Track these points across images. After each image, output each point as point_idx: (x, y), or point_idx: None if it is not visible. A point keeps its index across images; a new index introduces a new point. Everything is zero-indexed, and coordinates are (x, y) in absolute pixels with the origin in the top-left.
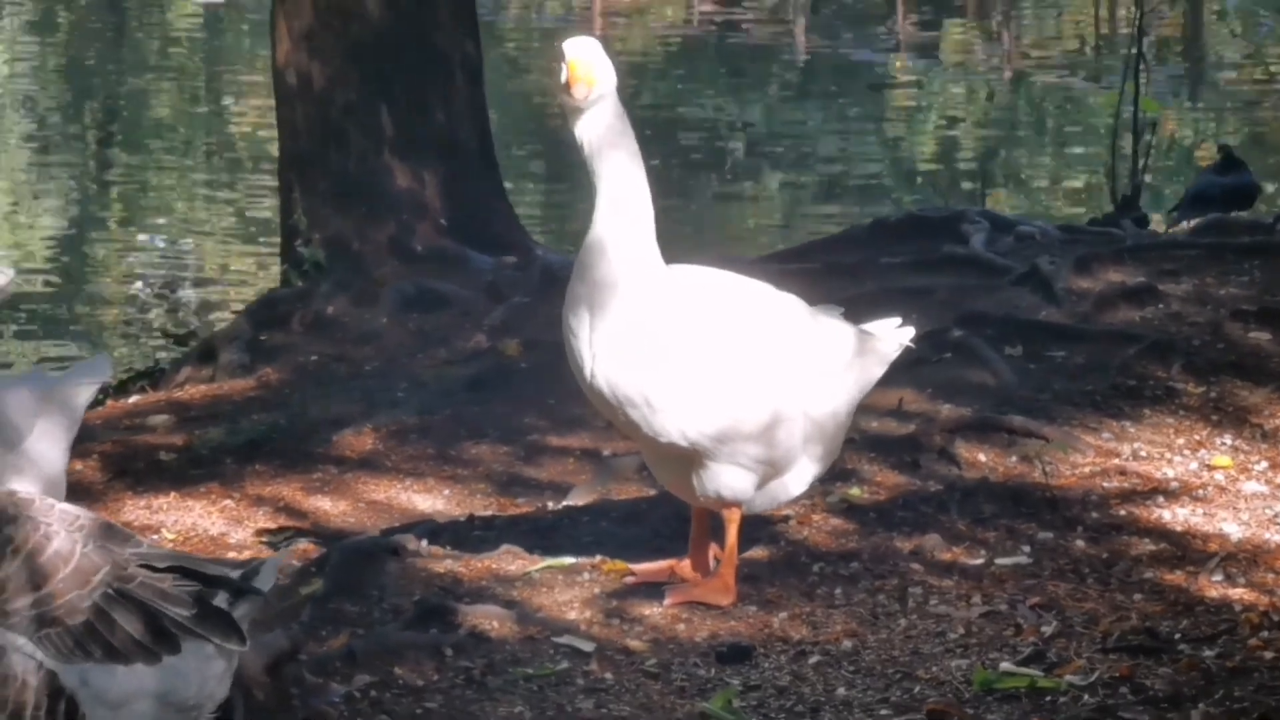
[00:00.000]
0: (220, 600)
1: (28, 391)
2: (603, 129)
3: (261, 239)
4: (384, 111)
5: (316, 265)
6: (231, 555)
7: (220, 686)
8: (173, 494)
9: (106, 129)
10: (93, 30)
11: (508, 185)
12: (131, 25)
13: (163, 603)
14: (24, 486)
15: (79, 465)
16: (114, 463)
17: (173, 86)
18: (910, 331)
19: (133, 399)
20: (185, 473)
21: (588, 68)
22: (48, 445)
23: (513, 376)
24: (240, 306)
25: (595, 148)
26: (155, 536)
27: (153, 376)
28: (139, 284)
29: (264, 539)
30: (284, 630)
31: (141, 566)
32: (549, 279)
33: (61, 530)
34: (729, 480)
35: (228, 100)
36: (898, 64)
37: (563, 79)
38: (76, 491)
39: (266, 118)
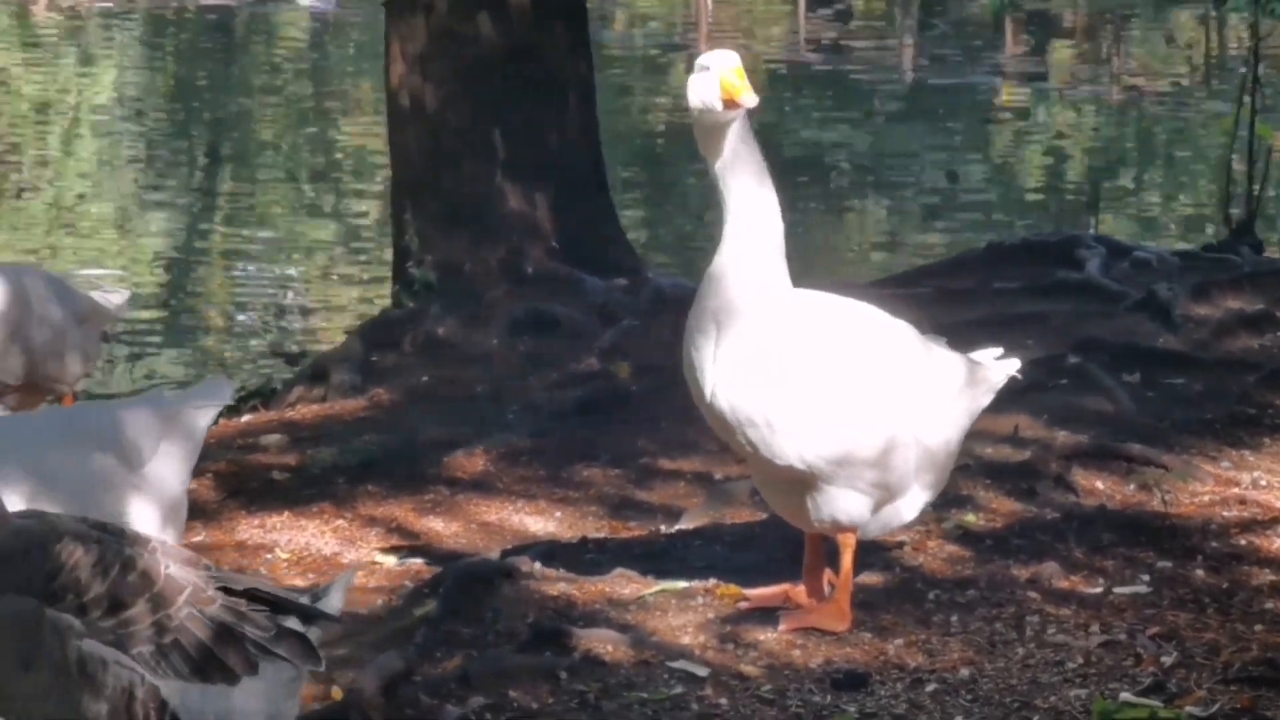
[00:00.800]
0: (292, 623)
1: (150, 413)
2: (734, 148)
3: (367, 259)
4: (496, 133)
5: (428, 287)
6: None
7: (293, 707)
8: (286, 513)
9: (214, 149)
10: (202, 50)
11: None
12: (240, 44)
13: (243, 624)
14: (144, 508)
15: (193, 484)
16: (228, 482)
17: (280, 106)
18: (1016, 362)
19: (245, 418)
20: (298, 492)
21: (739, 79)
22: (169, 467)
23: (624, 399)
24: (346, 327)
25: (726, 166)
26: (269, 556)
27: (265, 396)
28: (245, 304)
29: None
30: (399, 651)
31: (220, 590)
32: (660, 301)
33: (144, 552)
34: (845, 505)
35: (334, 119)
36: (1005, 86)
37: (700, 93)
38: (191, 511)
39: (373, 137)
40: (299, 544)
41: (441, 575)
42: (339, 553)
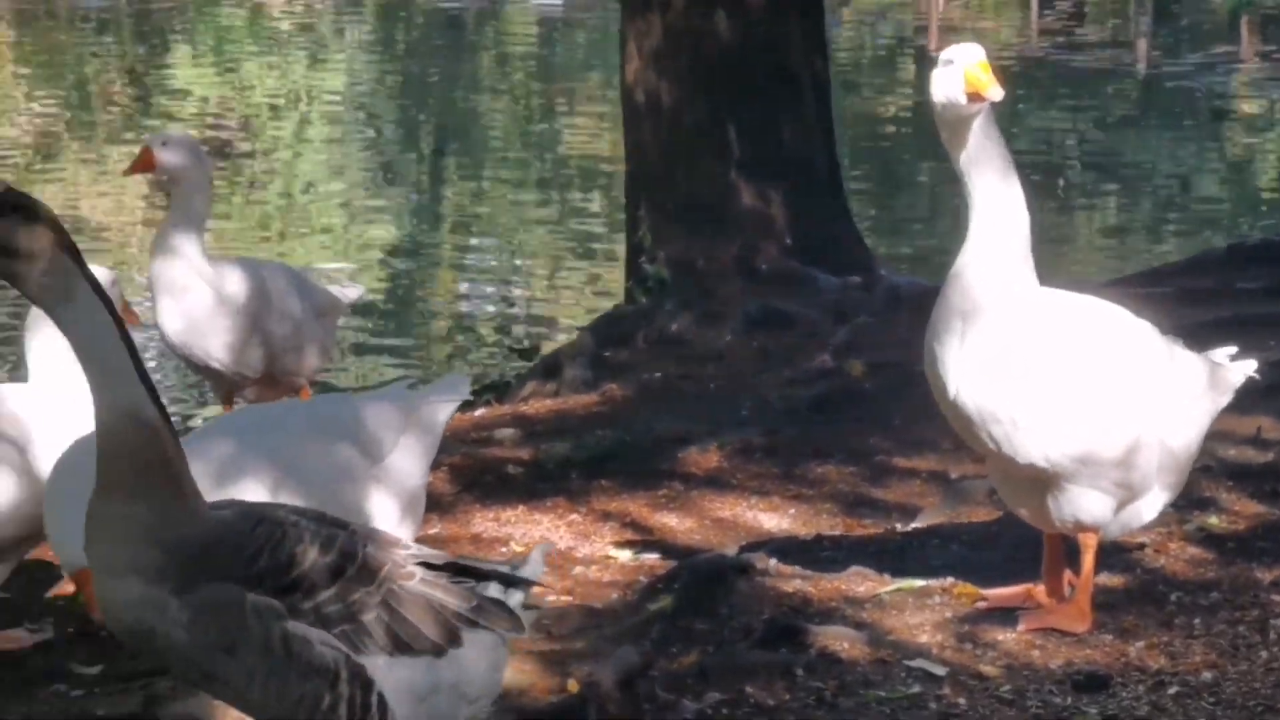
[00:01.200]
0: (494, 592)
1: (391, 407)
2: (978, 142)
3: (596, 254)
4: (732, 131)
5: (661, 283)
6: (578, 570)
7: (500, 678)
8: (520, 507)
9: (443, 144)
10: (433, 46)
11: None
12: (469, 41)
13: (443, 596)
14: (385, 500)
15: (430, 477)
16: (463, 475)
17: (509, 102)
18: (1253, 362)
19: (479, 412)
20: (532, 486)
21: (984, 71)
22: (409, 460)
23: (858, 397)
24: (576, 323)
25: (970, 161)
26: (504, 549)
27: (499, 390)
28: (475, 298)
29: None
30: (635, 646)
31: (419, 565)
32: (895, 299)
33: (341, 532)
34: (1087, 505)
35: (563, 116)
36: (1240, 85)
37: (944, 87)
38: (428, 504)
39: (602, 134)
40: (534, 538)
41: (677, 570)
42: (573, 547)
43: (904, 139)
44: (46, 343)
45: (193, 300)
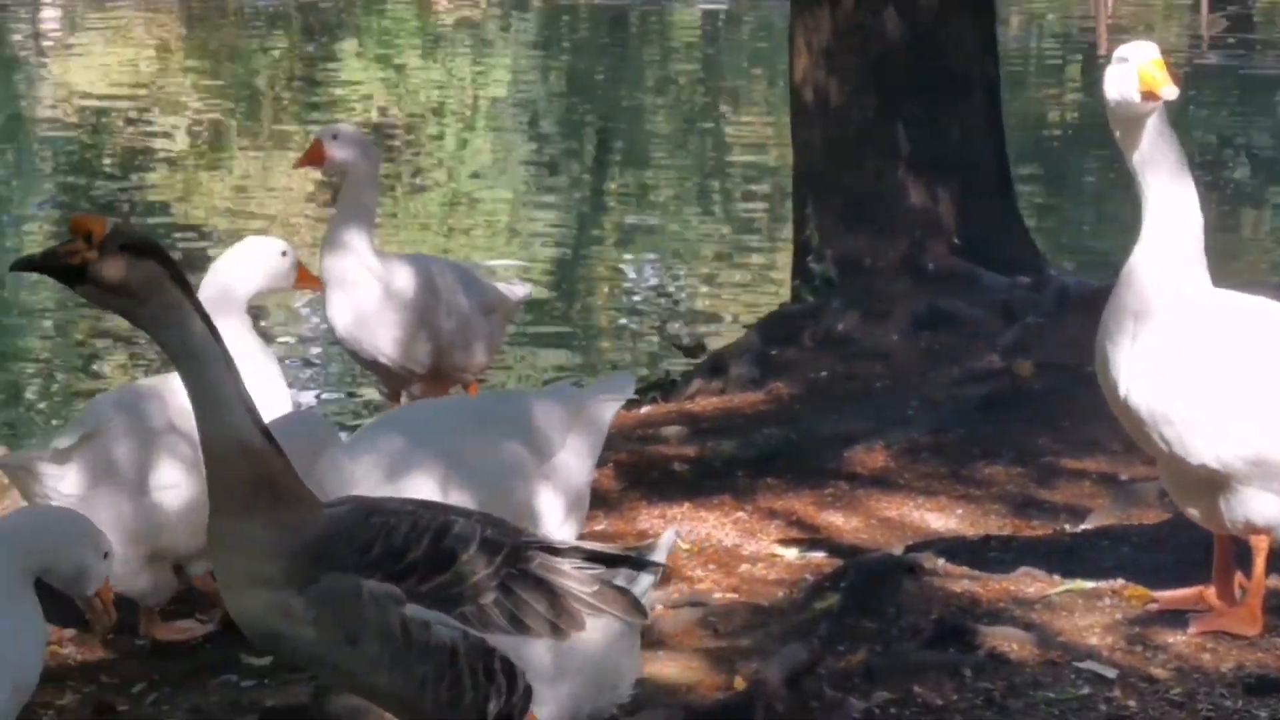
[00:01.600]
0: (621, 579)
1: (558, 404)
2: (1151, 141)
3: (760, 253)
4: (900, 129)
5: (828, 281)
6: (744, 568)
7: (634, 662)
8: (686, 504)
9: (606, 142)
10: (598, 45)
11: None
12: (633, 39)
13: (564, 580)
14: (552, 497)
15: (595, 474)
16: (629, 472)
17: (673, 101)
18: None
19: (645, 409)
20: (699, 484)
21: (1158, 70)
22: (576, 458)
23: (1026, 397)
24: (741, 321)
25: (1144, 160)
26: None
27: (664, 388)
28: (639, 295)
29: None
30: (802, 643)
31: (539, 549)
32: (1064, 300)
33: (459, 518)
34: (1259, 506)
35: (727, 114)
36: None
37: (1118, 86)
38: (593, 500)
39: (766, 132)
40: (699, 535)
41: (843, 569)
42: (739, 544)
43: (1072, 139)
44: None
45: (362, 295)
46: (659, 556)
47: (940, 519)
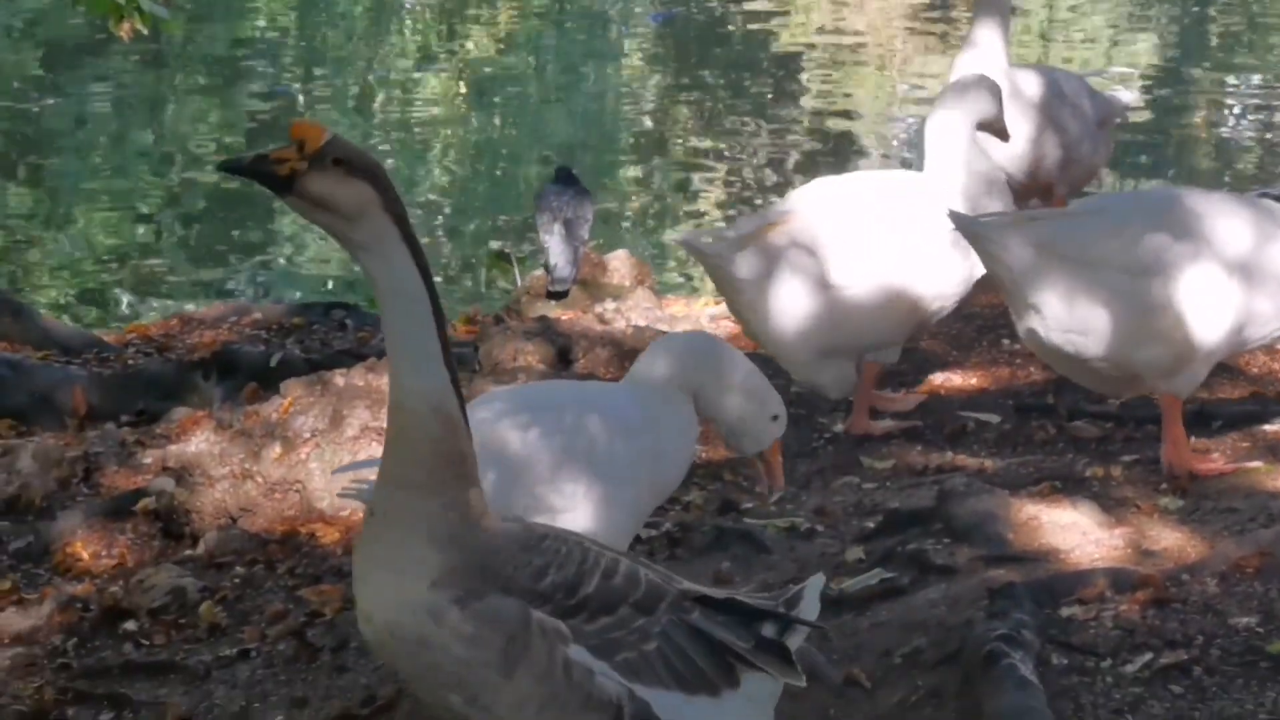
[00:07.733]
0: (769, 632)
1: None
2: None
3: None
4: None
5: None
6: None
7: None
8: None
9: None
10: None
11: None
12: None
13: (723, 633)
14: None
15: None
16: None
17: None
18: None
19: None
20: None
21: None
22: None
23: None
24: None
25: None
26: None
27: None
28: None
29: None
30: None
31: (699, 598)
32: None
33: (625, 557)
34: None
35: None
36: None
37: None
38: None
39: None
40: None
41: None
42: None
43: None
44: None
45: None
46: (809, 608)
47: None
